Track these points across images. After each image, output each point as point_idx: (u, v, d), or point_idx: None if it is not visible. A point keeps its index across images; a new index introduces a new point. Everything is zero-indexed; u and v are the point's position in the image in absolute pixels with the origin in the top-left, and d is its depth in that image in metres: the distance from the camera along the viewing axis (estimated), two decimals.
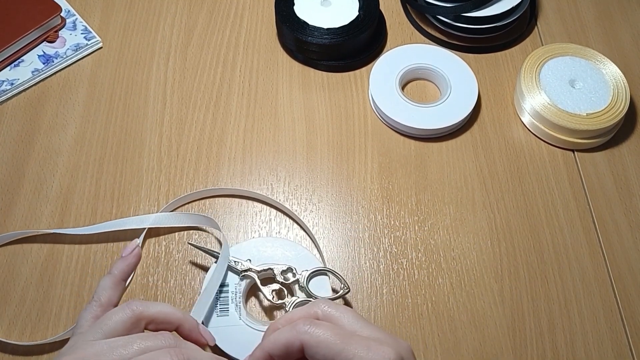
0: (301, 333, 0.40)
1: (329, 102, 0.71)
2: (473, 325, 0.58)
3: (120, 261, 0.49)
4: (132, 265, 0.50)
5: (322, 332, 0.40)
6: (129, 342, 0.41)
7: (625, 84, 0.69)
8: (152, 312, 0.44)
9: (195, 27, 0.77)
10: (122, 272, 0.49)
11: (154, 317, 0.44)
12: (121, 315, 0.43)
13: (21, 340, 0.56)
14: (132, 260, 0.50)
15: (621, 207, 0.65)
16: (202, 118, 0.70)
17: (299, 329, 0.40)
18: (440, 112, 0.68)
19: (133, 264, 0.50)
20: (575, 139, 0.68)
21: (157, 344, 0.41)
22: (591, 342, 0.57)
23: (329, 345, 0.39)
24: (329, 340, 0.39)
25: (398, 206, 0.64)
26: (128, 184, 0.65)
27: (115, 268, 0.49)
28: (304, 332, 0.40)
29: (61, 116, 0.70)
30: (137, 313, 0.43)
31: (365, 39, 0.73)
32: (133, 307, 0.43)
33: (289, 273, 0.57)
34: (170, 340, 0.42)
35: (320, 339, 0.39)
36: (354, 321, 0.42)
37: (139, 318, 0.44)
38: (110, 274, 0.48)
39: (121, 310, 0.43)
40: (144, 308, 0.44)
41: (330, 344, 0.39)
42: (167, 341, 0.42)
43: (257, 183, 0.66)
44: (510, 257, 0.62)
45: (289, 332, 0.41)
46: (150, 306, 0.44)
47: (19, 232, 0.61)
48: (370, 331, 0.41)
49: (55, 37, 0.74)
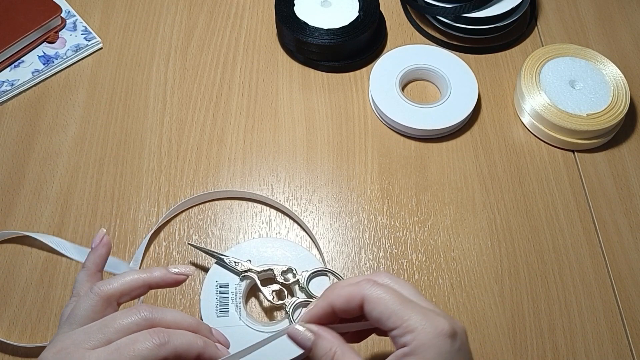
0: (364, 289, 0.41)
1: (329, 103, 0.71)
2: (473, 325, 0.58)
3: (91, 253, 0.49)
4: (104, 255, 0.49)
5: (383, 291, 0.41)
6: (105, 325, 0.41)
7: (625, 85, 0.69)
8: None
9: (196, 28, 0.77)
10: (94, 263, 0.48)
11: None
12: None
13: (21, 342, 0.56)
14: (102, 251, 0.49)
15: (621, 207, 0.65)
16: (202, 119, 0.70)
17: (362, 285, 0.42)
18: (440, 113, 0.68)
19: (104, 253, 0.49)
20: (575, 139, 0.68)
21: (134, 320, 0.41)
22: (591, 343, 0.57)
23: (387, 304, 0.40)
24: (388, 299, 0.41)
25: (398, 207, 0.64)
26: (128, 184, 0.65)
27: (87, 261, 0.48)
28: (366, 288, 0.41)
29: (61, 117, 0.70)
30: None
31: (365, 39, 0.73)
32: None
33: (289, 273, 0.57)
34: (146, 312, 0.42)
35: (381, 297, 0.41)
36: (414, 293, 0.43)
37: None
38: (84, 267, 0.48)
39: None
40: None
41: (389, 303, 0.40)
42: (143, 314, 0.42)
43: (257, 184, 0.66)
44: (510, 257, 0.62)
45: (353, 286, 0.42)
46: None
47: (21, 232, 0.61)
48: (428, 304, 0.42)
49: (55, 37, 0.74)
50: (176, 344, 0.41)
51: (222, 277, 0.57)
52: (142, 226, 0.62)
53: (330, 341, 0.42)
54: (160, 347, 0.40)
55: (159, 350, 0.40)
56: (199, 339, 0.43)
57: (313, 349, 0.42)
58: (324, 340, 0.42)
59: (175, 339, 0.41)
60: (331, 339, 0.42)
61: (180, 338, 0.41)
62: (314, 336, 0.42)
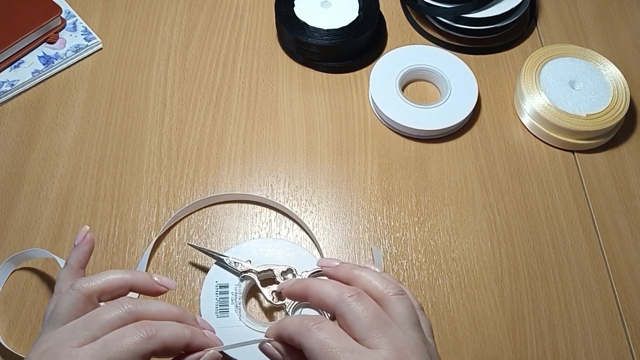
0: (341, 305, 0.41)
1: (329, 103, 0.71)
2: (473, 326, 0.58)
3: (74, 250, 0.48)
4: (87, 253, 0.49)
5: (361, 310, 0.40)
6: (89, 321, 0.40)
7: (625, 85, 0.69)
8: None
9: (196, 28, 0.77)
10: (77, 261, 0.48)
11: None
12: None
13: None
14: (85, 248, 0.49)
15: (621, 208, 0.65)
16: (202, 119, 0.70)
17: (342, 300, 0.41)
18: (440, 113, 0.68)
19: (87, 250, 0.49)
20: (575, 140, 0.68)
21: (118, 314, 0.41)
22: (591, 343, 0.57)
23: (361, 325, 0.40)
24: (362, 321, 0.40)
25: (398, 207, 0.64)
26: (128, 185, 0.65)
27: (70, 258, 0.48)
28: (344, 305, 0.41)
29: (61, 117, 0.70)
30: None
31: (365, 40, 0.73)
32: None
33: (289, 274, 0.57)
34: (130, 305, 0.41)
35: (356, 318, 0.40)
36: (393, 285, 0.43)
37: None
38: (67, 264, 0.48)
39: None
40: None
41: (362, 325, 0.40)
42: (127, 307, 0.41)
43: (257, 184, 0.66)
44: (510, 258, 0.62)
45: (333, 298, 0.42)
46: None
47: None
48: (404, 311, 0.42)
49: (55, 38, 0.74)
50: (164, 335, 0.41)
51: (222, 277, 0.57)
52: (142, 226, 0.62)
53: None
54: (149, 340, 0.40)
55: (147, 343, 0.40)
56: (186, 328, 0.42)
57: None
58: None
59: (163, 330, 0.41)
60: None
61: (168, 329, 0.41)
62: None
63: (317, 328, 0.40)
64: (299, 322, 0.41)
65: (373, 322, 0.40)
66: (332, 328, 0.40)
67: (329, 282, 0.43)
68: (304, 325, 0.40)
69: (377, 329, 0.39)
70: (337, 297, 0.41)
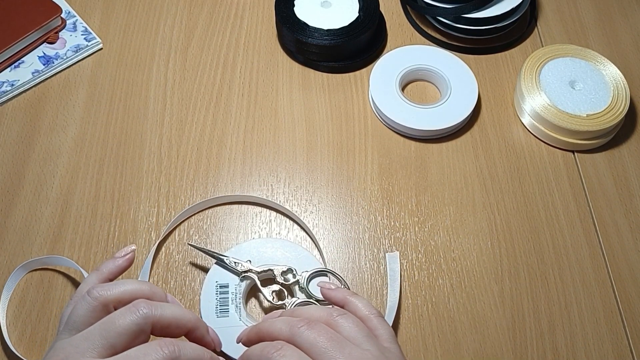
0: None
1: (329, 103, 0.71)
2: (473, 326, 0.58)
3: (111, 261, 0.48)
4: (122, 268, 0.48)
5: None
6: (105, 328, 0.40)
7: (625, 85, 0.69)
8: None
9: (196, 28, 0.77)
10: (110, 272, 0.47)
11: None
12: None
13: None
14: (123, 264, 0.48)
15: (621, 208, 0.65)
16: (202, 119, 0.70)
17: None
18: (440, 113, 0.68)
19: (124, 267, 0.48)
20: (575, 140, 0.68)
21: (134, 320, 0.40)
22: (591, 344, 0.57)
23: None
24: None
25: (398, 207, 0.64)
26: (128, 185, 0.65)
27: (104, 266, 0.47)
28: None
29: (61, 117, 0.70)
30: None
31: (365, 40, 0.74)
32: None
33: (289, 274, 0.57)
34: (145, 309, 0.41)
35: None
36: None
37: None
38: (98, 270, 0.47)
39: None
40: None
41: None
42: (142, 311, 0.41)
43: (257, 184, 0.66)
44: (510, 258, 0.62)
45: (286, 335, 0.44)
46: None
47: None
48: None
49: (55, 38, 0.74)
50: (187, 357, 0.41)
51: (222, 277, 0.57)
52: (142, 227, 0.62)
53: None
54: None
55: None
56: (206, 352, 0.43)
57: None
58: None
59: (186, 352, 0.41)
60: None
61: (190, 352, 0.41)
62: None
63: (278, 355, 0.41)
64: (259, 352, 0.42)
65: (328, 345, 0.41)
66: (294, 353, 0.41)
67: (279, 319, 0.45)
68: (265, 354, 0.42)
69: (333, 350, 0.41)
70: (289, 331, 0.43)
